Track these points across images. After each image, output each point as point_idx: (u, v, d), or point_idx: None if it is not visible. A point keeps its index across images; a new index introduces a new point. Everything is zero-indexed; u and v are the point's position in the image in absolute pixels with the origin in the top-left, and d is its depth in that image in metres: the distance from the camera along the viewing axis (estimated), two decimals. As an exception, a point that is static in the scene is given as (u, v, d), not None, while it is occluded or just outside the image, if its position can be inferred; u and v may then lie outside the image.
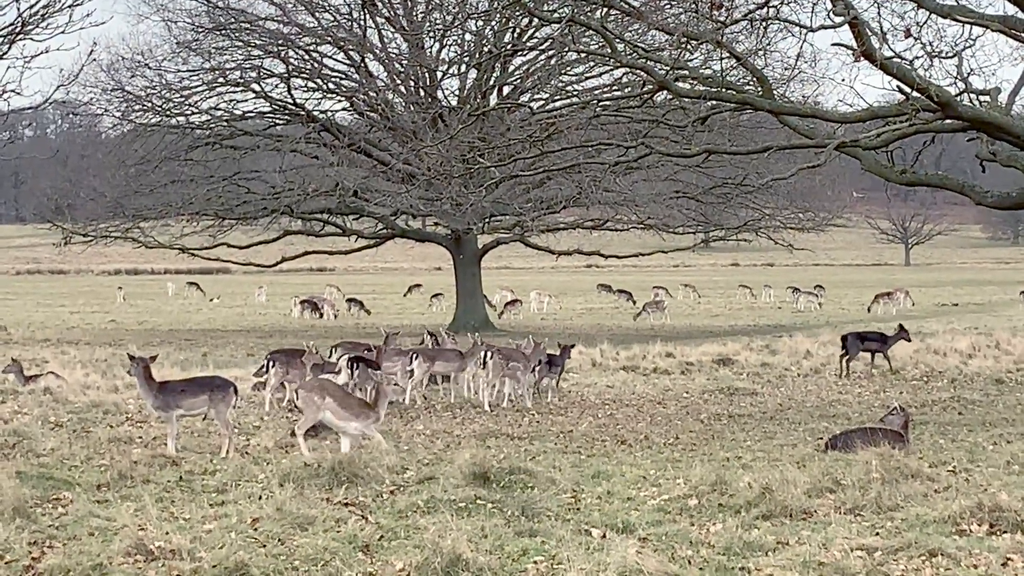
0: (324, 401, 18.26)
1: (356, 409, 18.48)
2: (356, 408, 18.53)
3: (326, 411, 18.27)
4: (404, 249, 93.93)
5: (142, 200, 48.68)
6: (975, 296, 78.87)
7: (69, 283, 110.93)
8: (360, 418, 18.35)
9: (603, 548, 11.97)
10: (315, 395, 18.34)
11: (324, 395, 18.35)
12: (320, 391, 18.46)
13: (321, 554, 11.89)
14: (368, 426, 18.42)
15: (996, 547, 11.82)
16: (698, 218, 52.61)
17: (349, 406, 18.51)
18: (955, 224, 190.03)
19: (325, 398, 18.30)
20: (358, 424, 18.33)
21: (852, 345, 31.22)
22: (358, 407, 18.58)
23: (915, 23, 21.51)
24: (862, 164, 24.92)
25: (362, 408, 18.58)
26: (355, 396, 20.17)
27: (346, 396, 19.15)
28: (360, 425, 18.34)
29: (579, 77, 47.45)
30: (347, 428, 18.32)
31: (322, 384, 19.06)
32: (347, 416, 18.29)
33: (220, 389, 18.83)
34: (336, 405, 18.31)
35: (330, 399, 18.32)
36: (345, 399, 18.80)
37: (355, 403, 18.82)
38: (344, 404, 18.49)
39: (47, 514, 13.81)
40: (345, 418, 18.28)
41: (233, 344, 43.02)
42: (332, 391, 18.67)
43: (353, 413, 18.36)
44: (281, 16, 48.49)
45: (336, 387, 19.44)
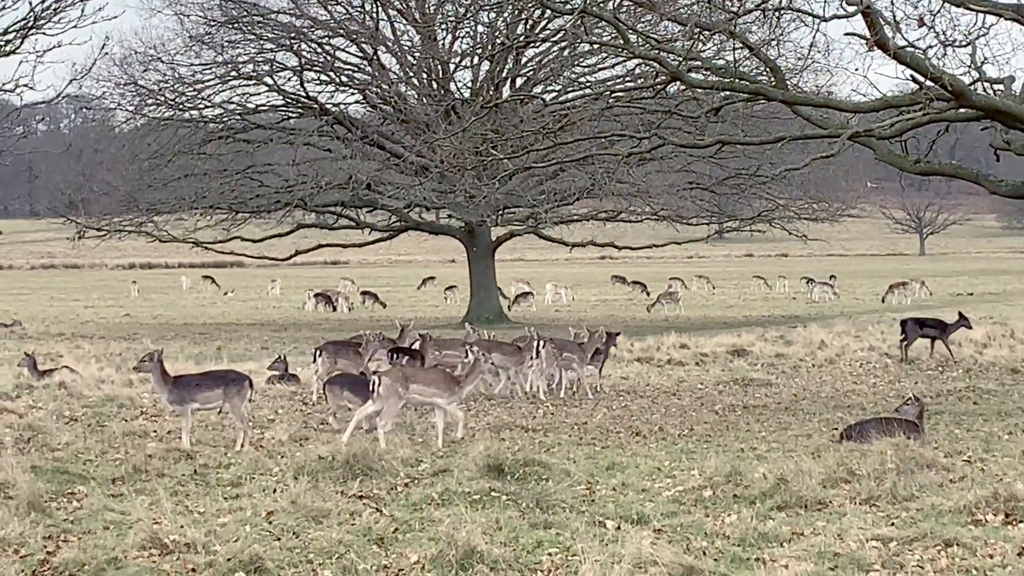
0: (408, 389, 18.76)
1: (442, 384, 19.16)
2: (442, 384, 19.19)
3: (412, 395, 18.87)
4: (418, 242, 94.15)
5: (155, 194, 48.67)
6: (990, 285, 78.67)
7: (83, 277, 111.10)
8: (445, 392, 19.03)
9: (618, 540, 11.96)
10: (398, 385, 18.71)
11: (407, 383, 18.82)
12: (402, 380, 18.88)
13: (336, 547, 11.89)
14: (451, 402, 19.06)
15: (1012, 537, 11.80)
16: (712, 209, 52.57)
17: (434, 382, 19.20)
18: (970, 213, 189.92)
19: (409, 386, 18.79)
20: (444, 399, 18.97)
21: (911, 331, 31.31)
22: (444, 382, 19.24)
23: (928, 12, 21.45)
24: (876, 154, 24.88)
25: (448, 383, 19.23)
26: (440, 372, 20.69)
27: (427, 373, 19.98)
28: (445, 400, 18.98)
29: (592, 68, 47.36)
30: (435, 403, 19.06)
31: (403, 372, 19.58)
32: (432, 392, 19.00)
33: (235, 383, 18.91)
34: (421, 386, 18.94)
35: (414, 384, 18.89)
36: (427, 376, 19.58)
37: (440, 379, 19.46)
38: (428, 381, 19.17)
39: (62, 508, 13.84)
40: (432, 394, 19.01)
41: (247, 338, 43.06)
42: (412, 375, 19.34)
43: (438, 388, 19.05)
44: (293, 9, 48.47)
45: (415, 369, 20.49)
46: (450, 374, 20.12)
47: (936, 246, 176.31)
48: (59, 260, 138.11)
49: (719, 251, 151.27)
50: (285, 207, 48.59)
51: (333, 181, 47.52)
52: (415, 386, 18.88)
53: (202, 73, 48.53)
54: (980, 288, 75.47)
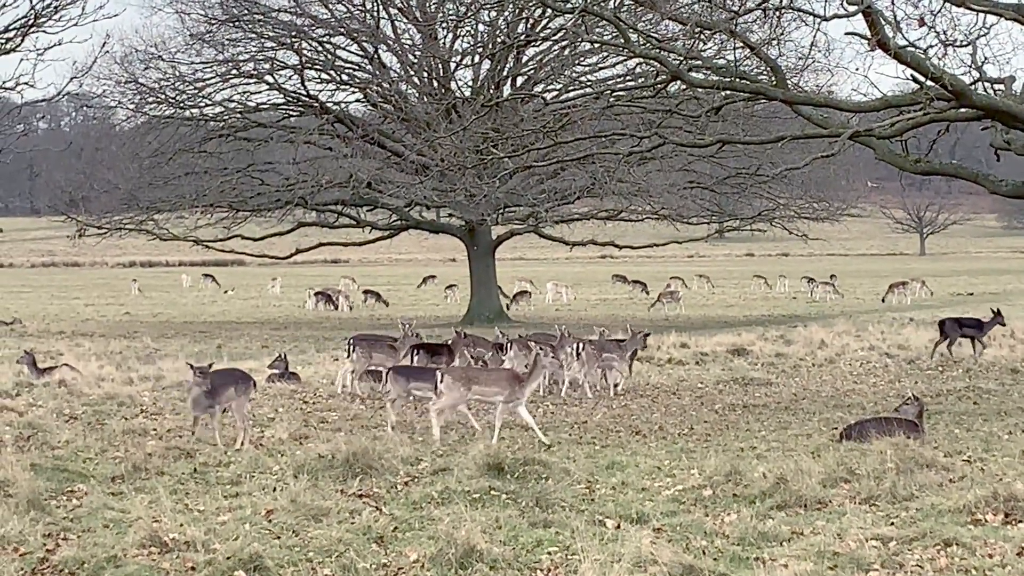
0: (470, 389, 18.93)
1: (504, 383, 19.11)
2: (504, 383, 19.13)
3: (474, 395, 18.99)
4: (418, 240, 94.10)
5: (156, 192, 48.69)
6: (990, 285, 78.67)
7: (83, 275, 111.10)
8: (506, 391, 18.98)
9: (617, 539, 11.98)
10: (460, 383, 18.90)
11: (469, 382, 18.99)
12: (465, 379, 19.06)
13: (335, 545, 11.90)
14: (513, 401, 19.01)
15: (1011, 537, 11.81)
16: (712, 208, 52.54)
17: (496, 381, 19.24)
18: (970, 213, 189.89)
19: (471, 386, 18.95)
20: (503, 397, 18.96)
21: (951, 330, 31.44)
22: (507, 382, 19.20)
23: (929, 11, 21.45)
24: (876, 153, 24.89)
25: (510, 382, 19.21)
26: (504, 370, 20.97)
27: (490, 373, 20.15)
28: (505, 397, 18.97)
29: (592, 67, 47.37)
30: (495, 401, 19.07)
31: (466, 371, 19.85)
32: (494, 391, 19.03)
33: (242, 382, 18.96)
34: (482, 386, 19.04)
35: (476, 384, 19.01)
36: (490, 376, 19.69)
37: (503, 378, 19.44)
38: (490, 381, 19.25)
39: (62, 506, 13.86)
40: (493, 394, 19.03)
41: (247, 336, 43.06)
42: (475, 375, 19.54)
43: (500, 388, 19.03)
44: (294, 7, 48.48)
45: (478, 369, 20.82)
46: (514, 373, 20.15)
47: (936, 246, 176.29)
48: (60, 258, 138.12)
49: (719, 250, 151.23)
50: (286, 205, 48.59)
51: (334, 180, 47.54)
52: (477, 387, 19.05)
53: (203, 71, 48.57)
54: (980, 288, 75.47)
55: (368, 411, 22.51)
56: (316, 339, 41.06)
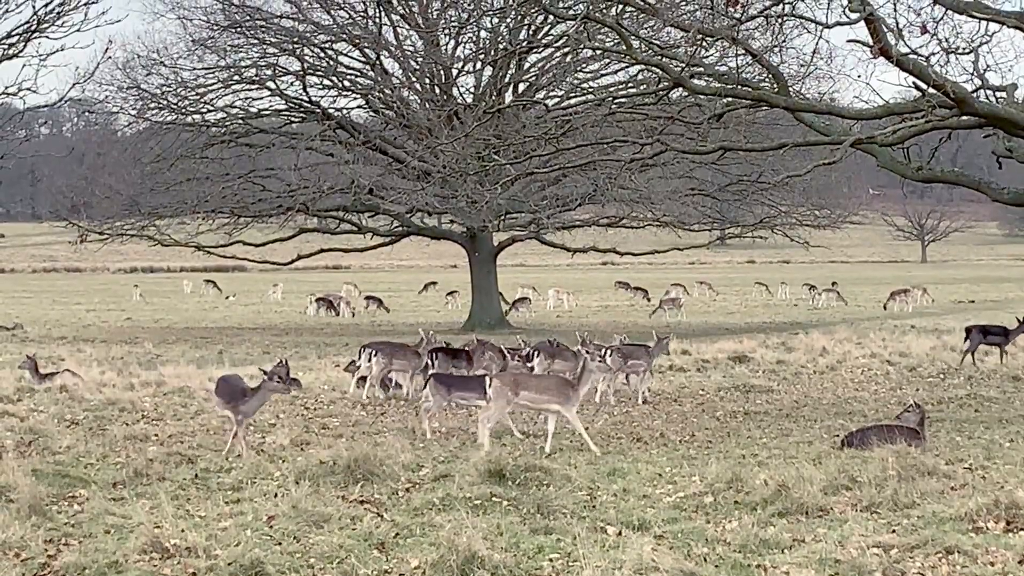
0: (519, 395, 18.91)
1: (555, 390, 19.07)
2: (554, 390, 19.10)
3: (523, 402, 18.93)
4: (419, 247, 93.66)
5: (158, 198, 48.74)
6: (991, 293, 78.66)
7: (85, 281, 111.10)
8: (559, 399, 18.94)
9: (619, 546, 11.97)
10: (508, 388, 18.91)
11: (517, 388, 18.96)
12: (513, 384, 19.05)
13: (336, 552, 11.90)
14: (567, 406, 18.94)
15: (1013, 544, 11.80)
16: (714, 215, 52.65)
17: (546, 388, 19.18)
18: (971, 221, 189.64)
19: (519, 392, 18.92)
20: (557, 405, 18.91)
21: (975, 338, 31.54)
22: (557, 388, 19.18)
23: (931, 19, 21.46)
24: (878, 161, 24.88)
25: (561, 388, 19.19)
26: (553, 377, 20.97)
27: (540, 379, 20.08)
28: (559, 405, 18.92)
29: (594, 74, 47.39)
30: (548, 409, 19.01)
31: (514, 376, 19.90)
32: (546, 399, 18.97)
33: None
34: (532, 392, 18.98)
35: (524, 391, 18.96)
36: (540, 382, 19.61)
37: (554, 385, 19.41)
38: (540, 388, 19.19)
39: (63, 512, 13.85)
40: (544, 401, 18.97)
41: (249, 342, 43.09)
42: (524, 380, 19.48)
43: (551, 394, 18.99)
44: (296, 14, 48.55)
45: (526, 375, 20.83)
46: (565, 379, 20.21)
47: (938, 253, 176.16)
48: (61, 263, 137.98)
49: (721, 257, 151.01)
50: (287, 211, 48.63)
51: (335, 186, 47.58)
52: (526, 392, 19.03)
53: (205, 77, 48.65)
54: (981, 296, 75.46)
55: (370, 417, 22.54)
56: (317, 345, 41.08)
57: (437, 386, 20.55)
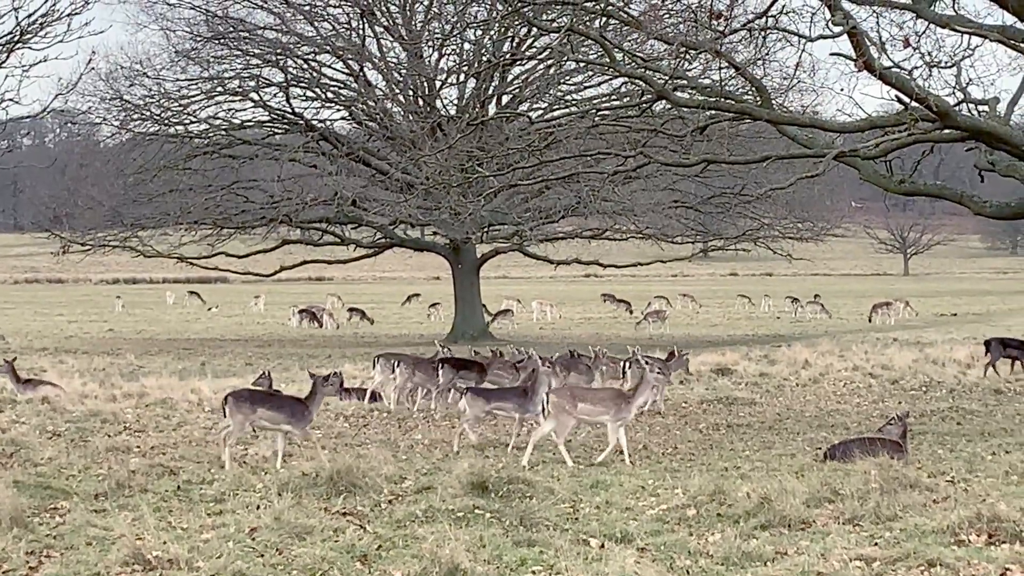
0: (576, 407, 18.97)
1: (609, 404, 19.15)
2: (610, 402, 19.20)
3: (581, 415, 19.02)
4: (402, 259, 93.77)
5: (140, 209, 48.69)
6: (973, 306, 78.81)
7: (67, 292, 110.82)
8: (614, 410, 19.03)
9: (602, 558, 11.97)
10: (566, 402, 18.99)
11: (575, 401, 19.05)
12: (571, 398, 19.14)
13: (319, 564, 11.88)
14: (620, 419, 19.03)
15: (995, 557, 11.81)
16: (697, 228, 52.68)
17: (602, 400, 19.27)
18: (954, 234, 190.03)
19: (577, 404, 18.99)
20: (610, 416, 19.01)
21: (995, 350, 31.67)
22: (613, 401, 19.25)
23: (914, 33, 21.56)
24: (860, 174, 24.93)
25: (616, 400, 19.28)
26: (609, 390, 21.09)
27: (596, 392, 20.19)
28: (612, 416, 19.00)
29: (578, 86, 47.52)
30: (603, 420, 19.11)
31: (571, 391, 19.87)
32: (601, 411, 19.05)
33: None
34: (589, 405, 19.07)
35: (582, 403, 19.03)
36: (596, 395, 19.71)
37: (609, 397, 19.51)
38: (596, 400, 19.29)
39: (44, 523, 13.80)
40: (599, 413, 19.06)
41: (231, 353, 43.02)
42: (581, 394, 19.57)
43: (607, 407, 19.07)
44: (280, 25, 48.58)
45: (582, 388, 21.01)
46: (620, 391, 20.34)
47: (920, 266, 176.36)
48: (43, 274, 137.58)
49: (704, 270, 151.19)
50: (270, 223, 48.60)
51: (318, 197, 47.56)
52: (583, 405, 19.10)
53: (188, 88, 48.68)
54: (964, 308, 75.61)
55: (352, 429, 22.52)
56: (300, 357, 41.03)
57: (475, 398, 20.52)
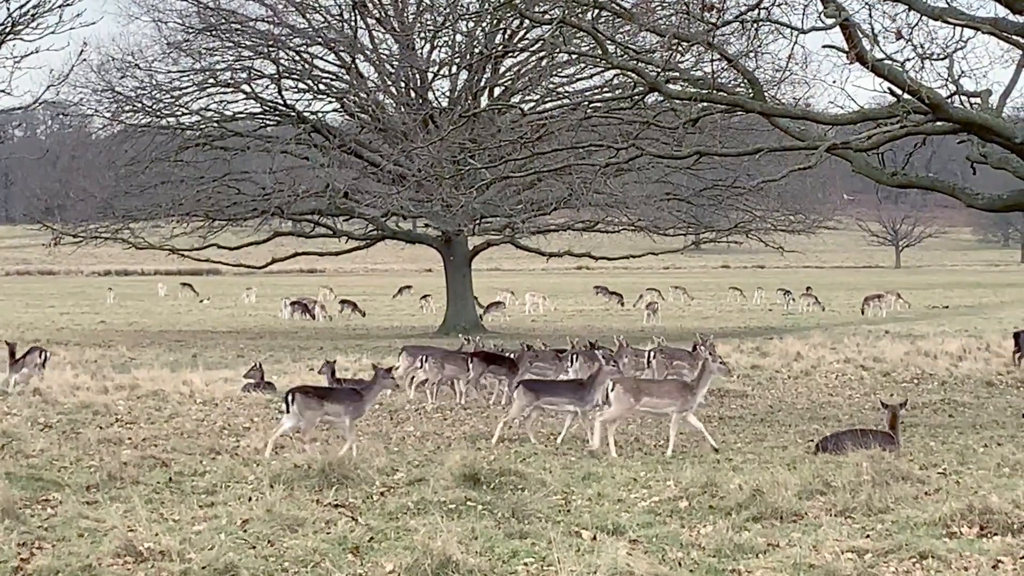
0: (640, 400, 19.17)
1: (674, 395, 19.38)
2: (675, 394, 19.41)
3: (644, 407, 19.27)
4: (394, 251, 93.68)
5: (132, 201, 48.61)
6: (965, 298, 78.86)
7: (59, 284, 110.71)
8: (678, 402, 19.23)
9: (594, 550, 11.96)
10: (630, 394, 19.13)
11: (639, 393, 19.22)
12: (635, 390, 19.29)
13: (311, 555, 11.87)
14: (684, 411, 19.22)
15: (986, 549, 11.82)
16: (689, 220, 52.61)
17: (666, 393, 19.49)
18: (945, 227, 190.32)
19: (641, 397, 19.17)
20: (676, 408, 19.18)
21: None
22: (677, 393, 19.47)
23: (906, 25, 21.59)
24: (853, 166, 24.94)
25: (681, 392, 19.49)
26: (673, 382, 21.38)
27: (661, 384, 20.43)
28: (678, 408, 19.19)
29: (570, 79, 47.45)
30: (668, 412, 19.29)
31: (637, 382, 20.10)
32: (666, 403, 19.26)
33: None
34: (654, 398, 19.28)
35: (646, 396, 19.23)
36: (660, 388, 19.93)
37: (674, 389, 19.73)
38: (661, 393, 19.50)
39: (36, 515, 13.78)
40: (665, 405, 19.26)
41: (223, 345, 42.97)
42: (646, 386, 19.75)
43: (672, 398, 19.30)
44: (272, 17, 48.48)
45: (647, 380, 21.24)
46: (684, 383, 20.47)
47: (912, 259, 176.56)
48: (35, 266, 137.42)
49: (695, 262, 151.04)
50: (262, 215, 48.47)
51: (310, 189, 47.49)
52: (647, 398, 19.28)
53: (179, 80, 48.57)
54: (955, 301, 75.65)
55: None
56: (292, 349, 40.99)
57: (525, 392, 20.50)
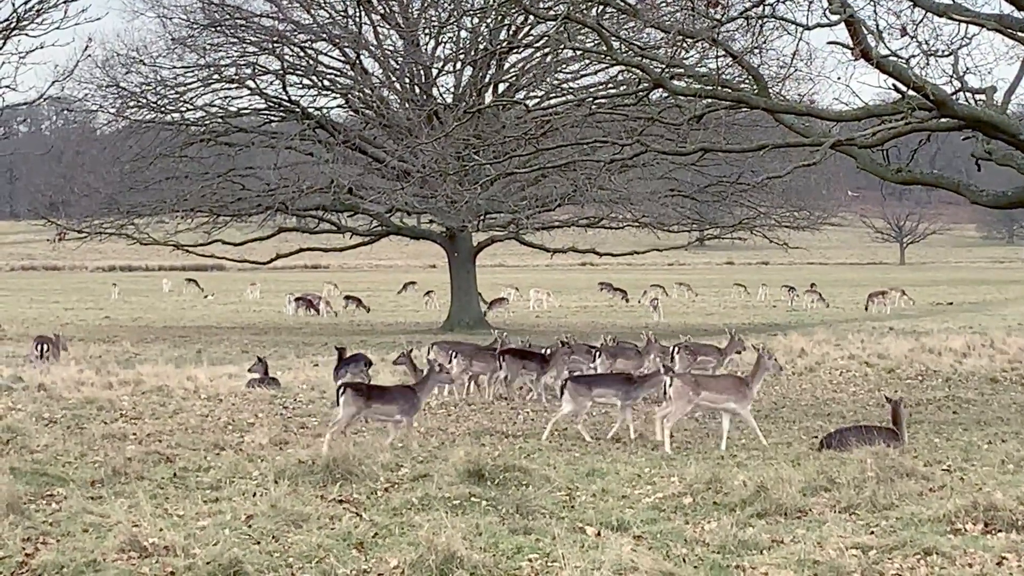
0: (699, 395, 19.44)
1: (732, 390, 19.64)
2: (732, 389, 19.70)
3: (703, 401, 19.51)
4: (399, 247, 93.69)
5: (137, 196, 48.60)
6: (969, 295, 78.81)
7: (63, 279, 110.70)
8: (736, 397, 19.52)
9: (598, 546, 11.97)
10: (690, 389, 19.40)
11: (699, 388, 19.48)
12: (694, 385, 19.56)
13: (315, 551, 11.88)
14: (743, 405, 19.54)
15: (991, 546, 11.83)
16: (693, 216, 52.60)
17: (724, 388, 19.76)
18: (950, 223, 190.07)
19: (700, 392, 19.43)
20: (735, 404, 19.49)
21: None
22: (733, 387, 19.77)
23: (911, 21, 21.56)
24: (857, 163, 24.91)
25: (738, 387, 19.77)
26: (730, 377, 21.61)
27: (719, 380, 20.69)
28: (737, 404, 19.50)
29: (574, 75, 47.38)
30: (726, 408, 19.57)
31: (695, 377, 20.27)
32: (724, 398, 19.52)
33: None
34: (713, 392, 19.54)
35: (705, 391, 19.51)
36: (719, 383, 20.18)
37: (731, 384, 20.00)
38: (719, 388, 19.74)
39: (41, 510, 13.79)
40: (723, 400, 19.51)
41: (227, 341, 42.98)
42: (704, 381, 20.04)
43: (730, 393, 19.56)
44: (276, 13, 48.47)
45: (706, 376, 21.51)
46: (740, 378, 20.70)
47: (916, 255, 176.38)
48: (39, 262, 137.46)
49: (700, 258, 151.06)
50: (266, 211, 48.49)
51: (315, 185, 47.47)
52: (707, 393, 19.53)
53: (184, 76, 48.55)
54: (960, 298, 75.61)
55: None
56: (296, 345, 41.01)
57: (576, 387, 20.66)
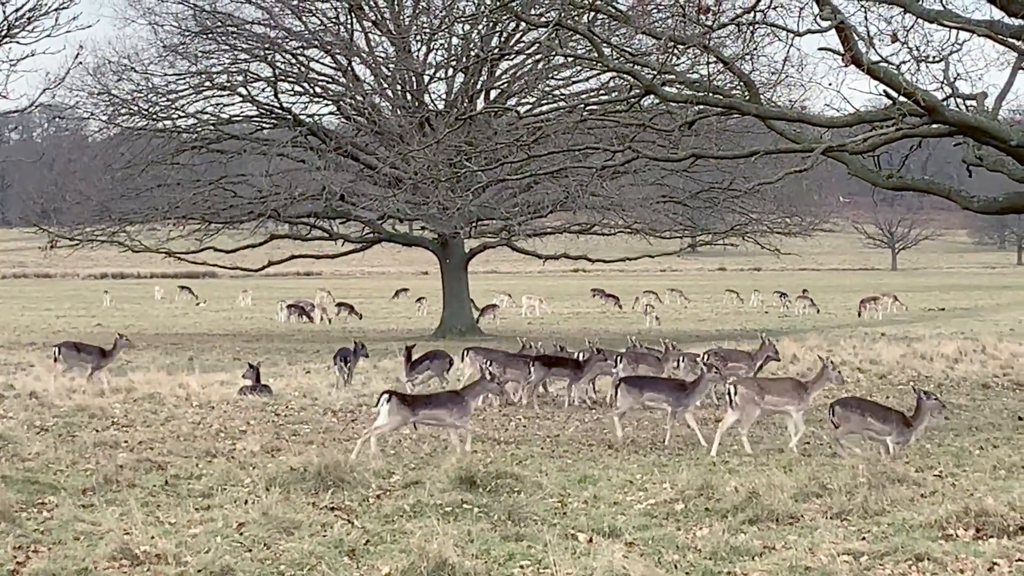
0: (764, 399, 19.77)
1: (792, 394, 20.02)
2: (793, 393, 20.06)
3: (767, 406, 19.86)
4: (391, 253, 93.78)
5: (128, 204, 48.53)
6: (961, 301, 78.86)
7: (55, 287, 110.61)
8: (796, 401, 19.94)
9: (590, 553, 11.98)
10: (755, 394, 19.74)
11: (762, 393, 19.83)
12: (758, 390, 19.92)
13: (307, 559, 11.87)
14: (801, 409, 19.95)
15: (982, 552, 11.84)
16: (685, 222, 52.61)
17: (785, 392, 20.11)
18: (941, 229, 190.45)
19: (764, 396, 19.77)
20: (794, 407, 19.87)
21: None
22: (793, 392, 20.12)
23: (902, 27, 21.60)
24: (849, 169, 24.96)
25: (796, 391, 20.13)
26: (789, 380, 21.68)
27: (779, 384, 20.88)
28: (796, 407, 19.89)
29: (566, 81, 47.39)
30: (788, 411, 19.99)
31: (758, 383, 20.63)
32: (785, 402, 19.90)
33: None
34: (775, 396, 19.89)
35: (768, 395, 19.87)
36: (780, 387, 20.47)
37: (791, 388, 20.32)
38: (780, 392, 20.11)
39: (32, 518, 13.77)
40: (783, 404, 19.90)
41: (219, 348, 42.93)
42: (766, 385, 20.39)
43: (790, 397, 19.94)
44: (268, 20, 48.45)
45: (766, 380, 21.66)
46: (799, 382, 20.92)
47: (908, 261, 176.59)
48: (31, 269, 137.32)
49: (692, 264, 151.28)
50: (258, 218, 48.46)
51: (306, 192, 47.47)
52: (770, 397, 19.86)
53: (176, 83, 48.50)
54: (952, 303, 75.65)
55: (340, 424, 22.49)
56: (288, 352, 40.96)
57: (629, 388, 20.97)
